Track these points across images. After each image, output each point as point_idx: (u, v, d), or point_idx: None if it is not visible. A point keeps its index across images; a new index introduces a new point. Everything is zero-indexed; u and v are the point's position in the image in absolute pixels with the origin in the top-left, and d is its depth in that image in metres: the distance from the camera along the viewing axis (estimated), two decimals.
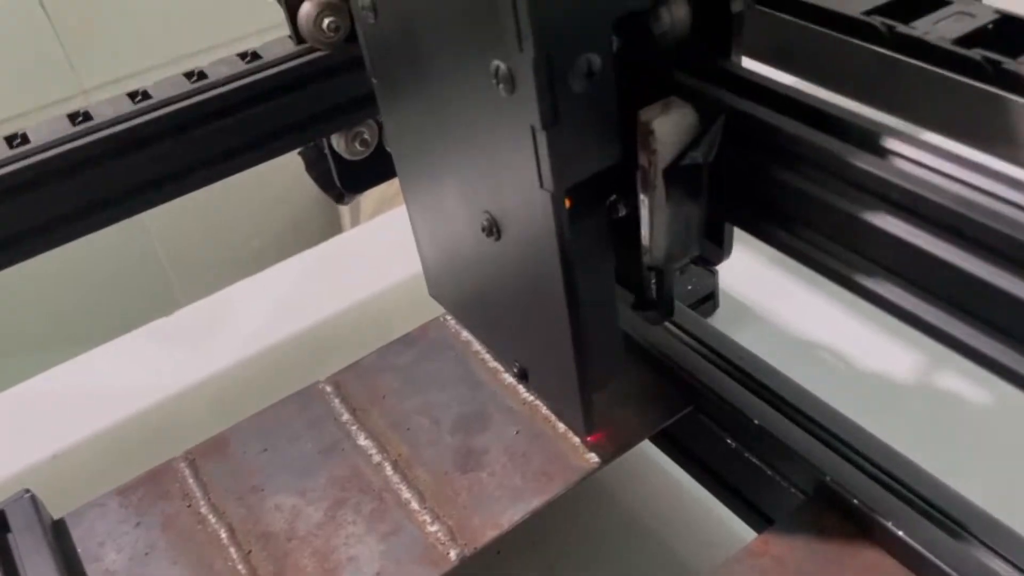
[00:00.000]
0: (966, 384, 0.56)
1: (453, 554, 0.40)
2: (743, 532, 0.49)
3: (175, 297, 0.69)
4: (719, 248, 0.39)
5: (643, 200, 0.34)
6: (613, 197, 0.35)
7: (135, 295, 1.23)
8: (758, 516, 0.45)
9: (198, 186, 0.49)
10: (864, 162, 0.28)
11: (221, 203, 1.27)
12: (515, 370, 0.43)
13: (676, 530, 0.51)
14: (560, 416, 0.44)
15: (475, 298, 0.44)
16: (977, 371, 0.27)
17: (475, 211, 0.38)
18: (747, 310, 0.64)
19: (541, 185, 0.31)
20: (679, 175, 0.33)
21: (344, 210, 1.30)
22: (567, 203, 0.32)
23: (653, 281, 0.39)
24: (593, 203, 0.34)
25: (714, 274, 0.62)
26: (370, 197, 1.23)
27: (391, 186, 1.24)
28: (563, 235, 0.33)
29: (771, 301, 0.65)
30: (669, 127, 0.32)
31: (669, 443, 0.50)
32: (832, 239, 0.30)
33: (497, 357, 0.45)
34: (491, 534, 0.41)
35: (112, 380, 0.64)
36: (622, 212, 0.36)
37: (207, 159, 0.48)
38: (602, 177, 0.33)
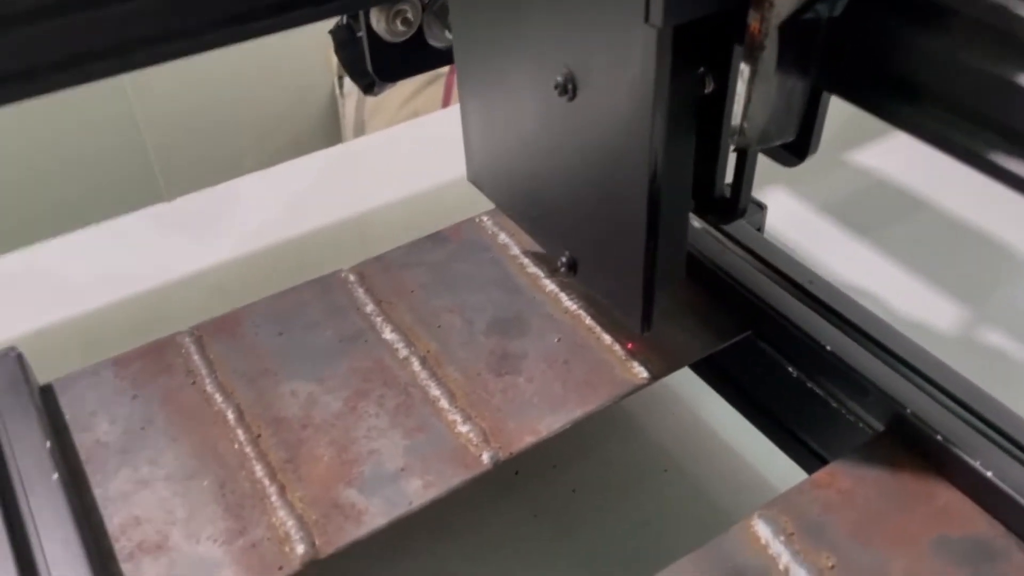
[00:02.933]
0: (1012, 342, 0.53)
1: (486, 457, 0.36)
2: (779, 481, 0.46)
3: (161, 195, 0.65)
4: (807, 140, 0.35)
5: (743, 70, 0.30)
6: (701, 70, 0.32)
7: (119, 187, 1.19)
8: (811, 456, 0.42)
9: (205, 48, 0.43)
10: None
11: (216, 109, 1.21)
12: (563, 260, 0.39)
13: (708, 470, 0.48)
14: (613, 306, 0.39)
15: (526, 177, 0.40)
16: None
17: (549, 67, 0.33)
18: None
19: (647, 19, 0.27)
20: (795, 33, 0.29)
21: (347, 123, 1.24)
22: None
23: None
24: (688, 63, 0.30)
25: (763, 208, 0.58)
26: (377, 113, 1.18)
27: (402, 106, 1.18)
28: (659, 82, 0.29)
29: (815, 248, 0.61)
30: None
31: (714, 372, 0.46)
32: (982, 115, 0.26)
33: (543, 245, 0.41)
34: (528, 440, 0.37)
35: (109, 260, 0.60)
36: (709, 88, 0.33)
37: (221, 17, 0.42)
38: (699, 36, 0.29)
